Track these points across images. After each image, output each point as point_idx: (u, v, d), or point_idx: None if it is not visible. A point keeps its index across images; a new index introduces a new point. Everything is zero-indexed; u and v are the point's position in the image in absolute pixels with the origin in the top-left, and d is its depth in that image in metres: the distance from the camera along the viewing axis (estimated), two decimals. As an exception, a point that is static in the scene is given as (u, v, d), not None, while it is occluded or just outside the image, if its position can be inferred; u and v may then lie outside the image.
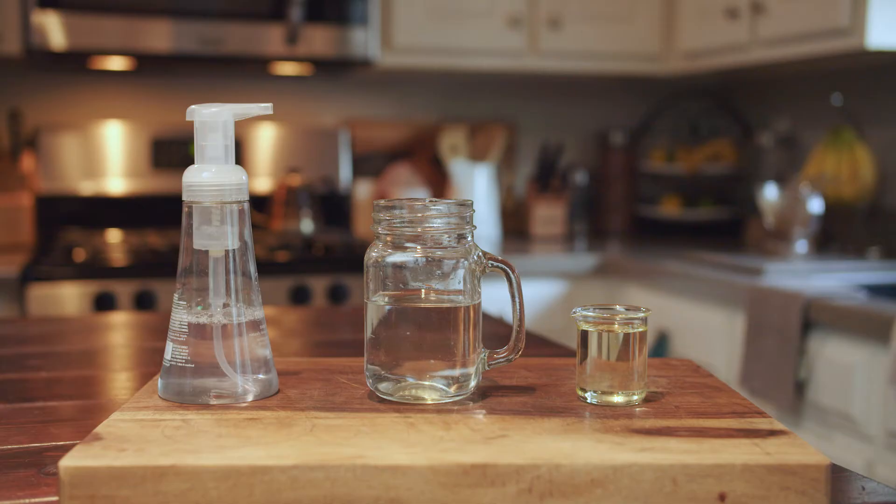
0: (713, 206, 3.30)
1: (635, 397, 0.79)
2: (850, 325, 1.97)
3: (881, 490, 0.70)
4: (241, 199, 0.80)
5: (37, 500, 0.65)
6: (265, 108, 0.81)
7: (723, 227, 3.31)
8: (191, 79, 3.14)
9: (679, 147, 3.38)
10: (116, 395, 0.98)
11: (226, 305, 0.79)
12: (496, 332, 1.30)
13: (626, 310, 0.81)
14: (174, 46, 2.73)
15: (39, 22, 2.60)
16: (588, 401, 0.80)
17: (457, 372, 0.79)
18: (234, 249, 0.79)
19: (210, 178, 0.78)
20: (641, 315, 0.80)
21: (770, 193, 2.68)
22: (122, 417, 0.73)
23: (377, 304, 0.79)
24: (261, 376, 0.80)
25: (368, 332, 0.80)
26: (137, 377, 1.08)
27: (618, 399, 0.79)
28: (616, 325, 0.80)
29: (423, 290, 0.79)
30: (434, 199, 0.79)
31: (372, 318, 0.80)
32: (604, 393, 0.79)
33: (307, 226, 2.97)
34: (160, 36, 2.72)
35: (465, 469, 0.63)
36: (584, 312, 0.81)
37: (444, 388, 0.79)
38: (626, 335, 0.80)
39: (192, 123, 0.80)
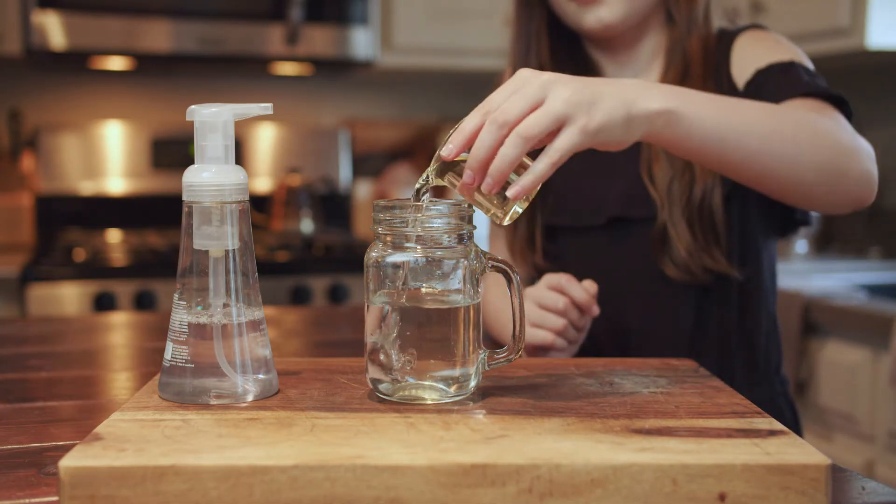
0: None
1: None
2: (850, 326, 1.98)
3: (881, 490, 0.70)
4: (241, 199, 0.80)
5: (37, 500, 0.65)
6: (265, 108, 0.81)
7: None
8: (191, 79, 3.14)
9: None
10: (116, 395, 0.98)
11: (226, 305, 0.79)
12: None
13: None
14: (174, 46, 2.73)
15: (39, 22, 2.60)
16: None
17: (457, 372, 0.79)
18: (234, 249, 0.79)
19: (210, 178, 0.78)
20: None
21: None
22: (123, 417, 0.73)
23: (377, 304, 0.79)
24: (261, 376, 0.80)
25: (368, 332, 0.80)
26: (137, 377, 1.07)
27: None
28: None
29: (423, 290, 0.79)
30: (434, 199, 0.79)
31: (372, 318, 0.80)
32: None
33: (307, 226, 2.97)
34: (160, 36, 2.72)
35: (465, 469, 0.63)
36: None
37: (444, 388, 0.79)
38: None
39: (192, 123, 0.80)
